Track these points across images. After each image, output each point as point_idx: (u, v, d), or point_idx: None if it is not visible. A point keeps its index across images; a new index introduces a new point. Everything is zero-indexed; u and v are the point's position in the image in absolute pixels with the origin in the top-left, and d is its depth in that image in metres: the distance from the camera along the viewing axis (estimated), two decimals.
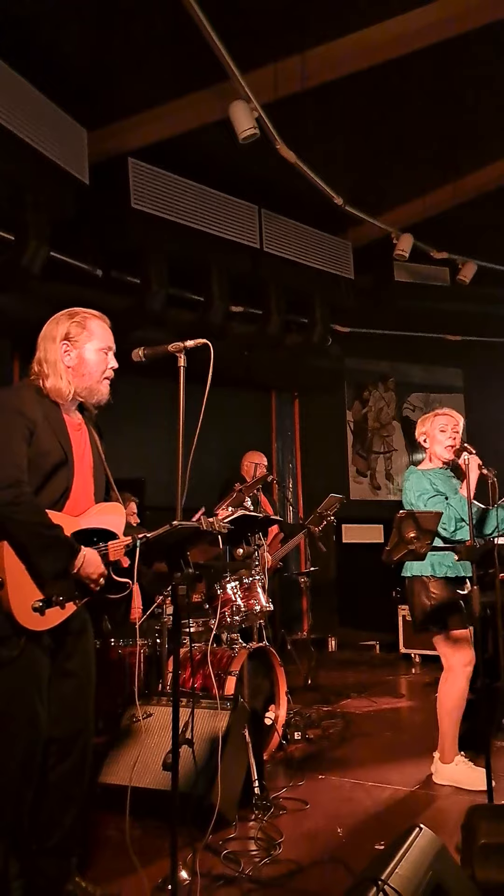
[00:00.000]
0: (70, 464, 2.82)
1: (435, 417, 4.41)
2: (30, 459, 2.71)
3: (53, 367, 2.85)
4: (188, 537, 2.81)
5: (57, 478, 2.78)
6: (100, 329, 2.94)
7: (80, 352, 2.88)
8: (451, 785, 4.12)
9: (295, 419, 10.15)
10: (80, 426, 2.96)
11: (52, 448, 2.77)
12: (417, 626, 4.33)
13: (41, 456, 2.74)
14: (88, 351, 2.89)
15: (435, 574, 4.18)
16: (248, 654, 4.47)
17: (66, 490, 2.81)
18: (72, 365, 2.87)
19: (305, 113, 6.40)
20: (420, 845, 2.36)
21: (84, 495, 2.89)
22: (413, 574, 4.26)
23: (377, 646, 8.86)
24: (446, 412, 4.42)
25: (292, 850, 3.34)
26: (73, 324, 2.90)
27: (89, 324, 2.92)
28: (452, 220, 8.22)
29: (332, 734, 5.28)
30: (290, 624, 8.89)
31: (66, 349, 2.87)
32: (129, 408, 7.36)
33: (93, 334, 2.91)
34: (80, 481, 2.87)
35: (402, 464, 10.57)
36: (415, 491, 4.25)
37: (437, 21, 5.61)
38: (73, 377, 2.87)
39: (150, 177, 6.88)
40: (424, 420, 4.47)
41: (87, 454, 2.95)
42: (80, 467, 2.88)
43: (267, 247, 7.87)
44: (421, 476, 4.31)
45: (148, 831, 3.39)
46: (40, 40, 5.42)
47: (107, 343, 2.94)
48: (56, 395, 2.84)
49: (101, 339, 2.92)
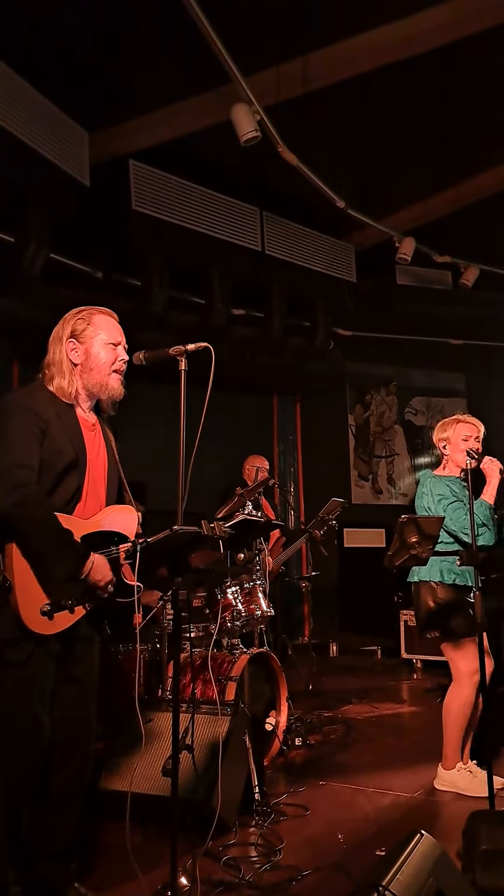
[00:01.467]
0: (82, 464, 2.80)
1: (458, 425, 4.31)
2: (42, 460, 2.68)
3: (59, 366, 2.83)
4: (189, 542, 2.79)
5: (69, 479, 2.76)
6: (106, 323, 2.92)
7: (88, 347, 2.86)
8: (452, 791, 4.10)
9: (297, 423, 10.14)
10: (94, 426, 2.93)
11: (65, 448, 2.75)
12: (422, 632, 4.29)
13: (54, 456, 2.71)
14: (96, 345, 2.86)
15: (444, 580, 4.13)
16: (249, 659, 4.45)
17: (77, 491, 2.78)
18: (80, 361, 2.85)
19: (307, 116, 6.39)
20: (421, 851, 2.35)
21: (96, 497, 2.86)
22: (421, 579, 4.22)
23: (379, 651, 8.82)
24: (469, 420, 4.33)
25: (293, 856, 3.31)
26: (79, 320, 2.89)
27: (95, 319, 2.90)
28: (455, 223, 8.21)
29: (334, 740, 5.26)
30: (290, 629, 8.87)
31: (73, 347, 2.86)
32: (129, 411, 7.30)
33: (99, 328, 2.89)
34: (93, 482, 2.85)
35: (405, 468, 10.55)
36: (433, 496, 4.19)
37: (440, 25, 5.61)
38: (82, 373, 2.85)
39: (152, 179, 6.87)
40: (445, 426, 4.37)
41: (102, 455, 2.93)
42: (93, 468, 2.86)
43: (269, 250, 7.86)
44: (438, 481, 4.24)
45: (148, 837, 3.37)
46: (42, 43, 5.42)
47: (114, 337, 2.91)
48: (60, 393, 2.82)
49: (109, 333, 2.90)
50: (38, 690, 2.68)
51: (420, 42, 5.73)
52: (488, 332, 9.89)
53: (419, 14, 5.58)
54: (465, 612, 4.04)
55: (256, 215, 7.79)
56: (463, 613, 4.05)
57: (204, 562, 4.99)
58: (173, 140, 6.51)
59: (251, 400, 9.47)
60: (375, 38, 5.71)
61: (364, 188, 7.53)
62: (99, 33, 5.46)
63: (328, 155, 6.91)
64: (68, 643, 2.75)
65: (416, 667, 7.81)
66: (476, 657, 3.87)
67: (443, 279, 9.16)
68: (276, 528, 5.72)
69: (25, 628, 2.58)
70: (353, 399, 10.50)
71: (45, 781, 2.75)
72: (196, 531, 2.69)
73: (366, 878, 2.33)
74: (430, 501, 4.20)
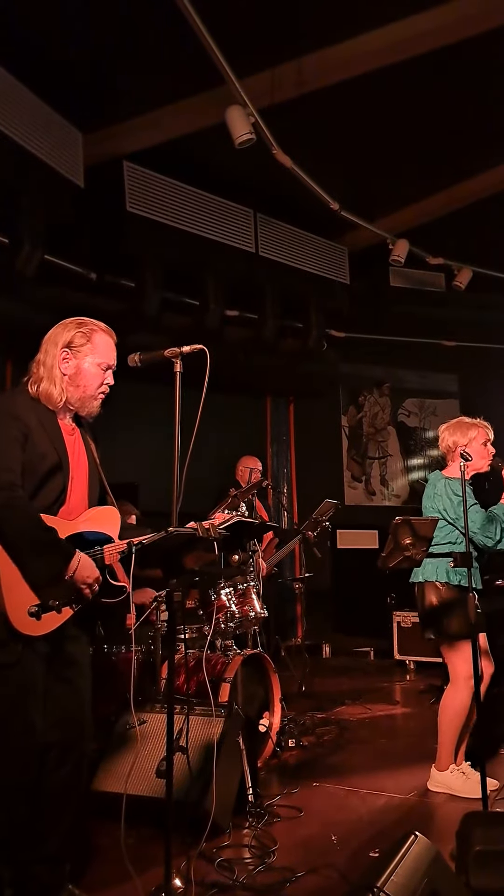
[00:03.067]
0: (65, 468, 2.81)
1: (476, 428, 4.27)
2: (25, 464, 2.70)
3: (49, 371, 2.83)
4: (184, 543, 2.79)
5: (52, 482, 2.77)
6: (104, 345, 2.90)
7: (80, 362, 2.85)
8: (445, 792, 4.11)
9: (290, 424, 10.13)
10: (73, 431, 2.94)
11: (47, 452, 2.76)
12: (424, 632, 4.28)
13: (36, 460, 2.73)
14: (87, 363, 2.85)
15: (450, 581, 4.11)
16: (243, 660, 4.45)
17: (61, 494, 2.79)
18: (69, 374, 2.85)
19: (301, 118, 6.40)
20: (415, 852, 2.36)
21: (79, 499, 2.88)
22: (426, 579, 4.19)
23: (372, 652, 8.83)
24: (482, 424, 4.31)
25: (287, 857, 3.31)
26: (79, 333, 2.87)
27: (95, 337, 2.89)
28: (448, 225, 8.24)
29: (327, 741, 5.26)
30: (283, 630, 8.86)
31: (65, 356, 2.85)
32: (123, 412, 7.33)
33: (96, 348, 2.88)
34: (75, 485, 2.86)
35: (398, 469, 10.56)
36: (450, 497, 4.16)
37: (434, 28, 5.63)
38: (69, 386, 2.85)
39: (146, 180, 6.88)
40: (456, 429, 4.31)
41: (82, 459, 2.94)
42: (75, 472, 2.87)
43: (262, 251, 7.87)
44: (454, 483, 4.16)
45: (141, 839, 3.36)
46: (36, 44, 5.41)
47: (107, 360, 2.90)
48: (46, 399, 2.82)
49: (103, 355, 2.89)
50: (30, 692, 2.67)
51: (414, 45, 5.75)
52: (481, 333, 9.92)
53: (413, 17, 5.60)
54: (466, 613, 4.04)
55: (250, 217, 7.81)
56: (464, 615, 4.04)
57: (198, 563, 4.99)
58: (168, 141, 6.52)
59: (245, 401, 9.47)
60: (369, 41, 5.73)
61: (358, 190, 7.54)
62: (94, 34, 5.46)
63: (322, 157, 6.92)
64: (57, 644, 2.75)
65: (409, 668, 7.83)
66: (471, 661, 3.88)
67: (436, 281, 9.19)
68: (271, 529, 5.72)
69: (13, 629, 2.58)
70: (346, 400, 10.51)
71: (39, 783, 2.74)
72: (191, 532, 2.70)
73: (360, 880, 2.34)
74: (446, 503, 4.16)
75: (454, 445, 4.29)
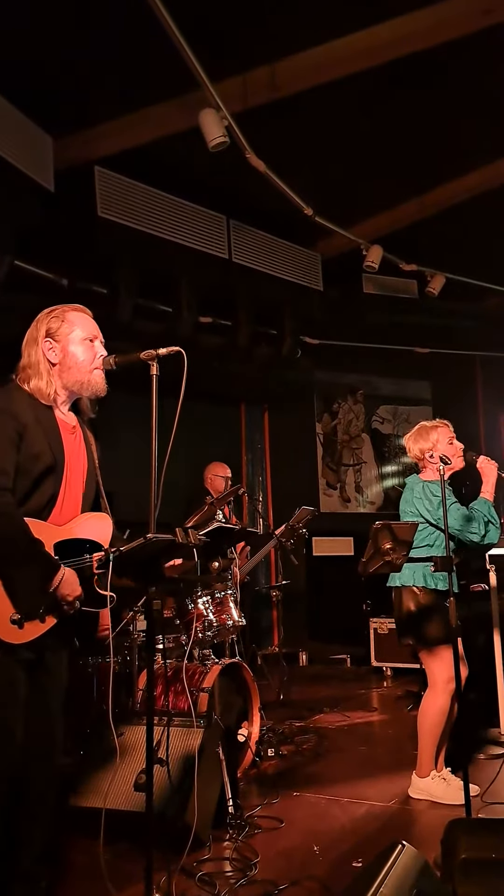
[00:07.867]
0: (60, 469, 2.74)
1: (436, 430, 4.30)
2: (19, 464, 2.63)
3: (36, 367, 2.77)
4: (163, 551, 2.73)
5: (45, 483, 2.70)
6: (81, 319, 2.86)
7: (65, 345, 2.79)
8: (427, 799, 4.07)
9: (265, 431, 10.09)
10: (74, 429, 2.88)
11: (42, 452, 2.69)
12: (401, 637, 4.26)
13: (30, 460, 2.66)
14: (73, 343, 2.80)
15: (427, 585, 4.10)
16: (221, 669, 4.39)
17: (52, 496, 2.72)
18: (57, 361, 2.79)
19: (275, 123, 6.38)
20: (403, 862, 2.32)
21: (72, 503, 2.80)
22: (403, 584, 4.17)
23: (348, 659, 8.80)
24: (441, 423, 4.36)
25: (269, 870, 3.26)
26: (53, 318, 2.82)
27: (69, 315, 2.84)
28: (421, 232, 8.25)
29: (306, 750, 5.22)
30: (259, 638, 8.81)
31: (49, 346, 2.79)
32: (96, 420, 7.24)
33: (74, 325, 2.82)
34: (69, 488, 2.79)
35: (372, 476, 10.57)
36: (430, 498, 4.14)
37: (408, 34, 5.63)
38: (60, 372, 2.79)
39: (117, 186, 6.81)
40: (419, 436, 4.33)
41: (81, 459, 2.87)
42: (71, 473, 2.80)
43: (236, 257, 7.83)
44: (432, 484, 4.19)
45: (120, 854, 3.28)
46: (5, 46, 5.33)
47: (90, 332, 2.85)
48: (38, 395, 2.75)
49: (84, 329, 2.84)
50: (12, 700, 2.61)
51: (387, 51, 5.74)
52: (454, 340, 9.96)
53: (387, 23, 5.59)
54: (444, 618, 4.02)
55: (223, 223, 7.76)
56: (442, 620, 4.02)
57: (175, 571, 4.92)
58: (140, 146, 6.45)
59: (219, 408, 9.41)
60: (343, 47, 5.71)
61: (332, 196, 7.53)
62: (64, 37, 5.39)
63: (296, 163, 6.90)
64: (37, 652, 2.68)
65: (385, 675, 7.81)
66: (452, 664, 3.86)
67: (409, 288, 9.20)
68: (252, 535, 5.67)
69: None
70: (320, 407, 10.51)
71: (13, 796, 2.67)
72: (170, 539, 2.64)
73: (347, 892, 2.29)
74: (426, 504, 4.15)
75: (422, 453, 4.32)
